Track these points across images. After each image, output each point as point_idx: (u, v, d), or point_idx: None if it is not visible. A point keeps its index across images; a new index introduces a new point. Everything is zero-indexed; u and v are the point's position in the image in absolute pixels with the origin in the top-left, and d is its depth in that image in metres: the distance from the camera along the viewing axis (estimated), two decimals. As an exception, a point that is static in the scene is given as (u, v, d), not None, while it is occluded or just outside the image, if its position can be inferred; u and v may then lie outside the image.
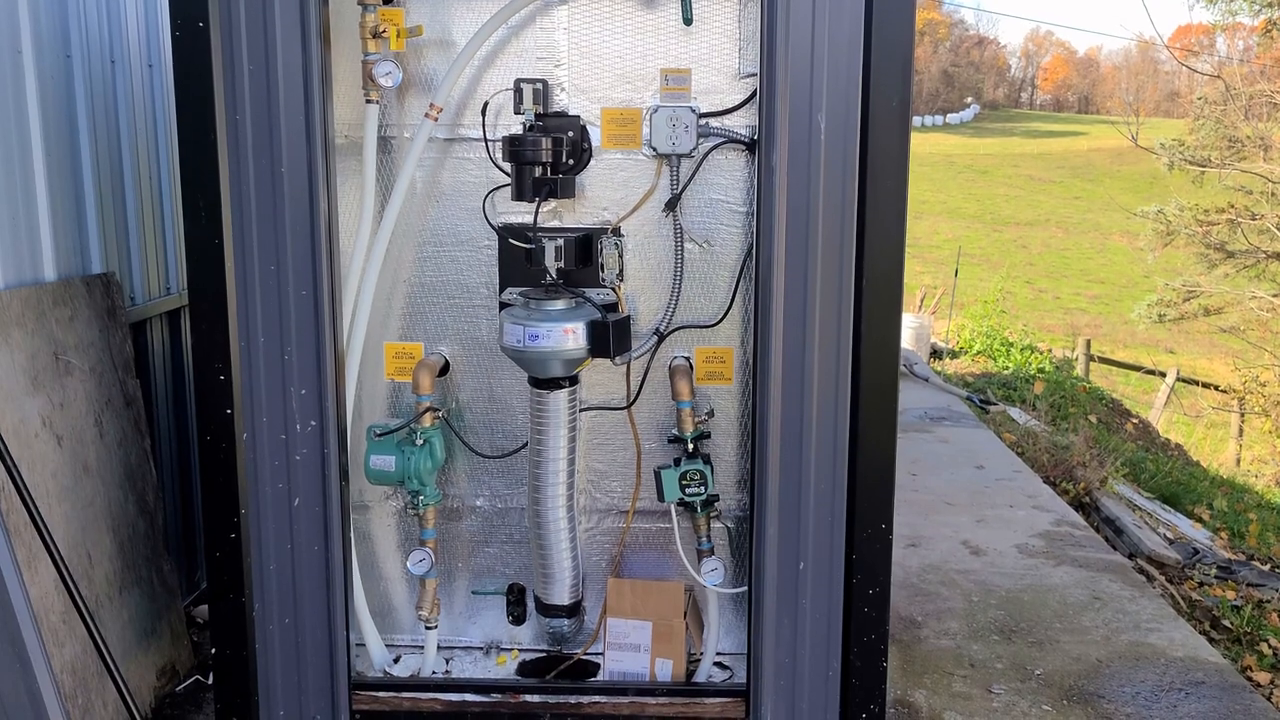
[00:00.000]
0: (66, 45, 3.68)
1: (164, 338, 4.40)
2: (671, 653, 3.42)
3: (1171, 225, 18.02)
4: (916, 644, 4.38)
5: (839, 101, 2.94)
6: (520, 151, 3.15)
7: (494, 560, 3.66)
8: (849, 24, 2.91)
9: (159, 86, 4.35)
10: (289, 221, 3.04)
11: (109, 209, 3.94)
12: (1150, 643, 4.41)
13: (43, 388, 3.40)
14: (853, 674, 3.20)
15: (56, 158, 3.59)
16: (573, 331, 3.17)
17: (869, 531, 3.14)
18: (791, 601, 3.17)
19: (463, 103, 3.36)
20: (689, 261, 3.38)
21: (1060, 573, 5.19)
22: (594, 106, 3.33)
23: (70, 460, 3.49)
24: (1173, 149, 18.30)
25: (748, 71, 3.28)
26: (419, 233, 3.45)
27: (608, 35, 3.30)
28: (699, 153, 3.31)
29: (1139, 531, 6.52)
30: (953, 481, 6.78)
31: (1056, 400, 11.48)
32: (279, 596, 3.24)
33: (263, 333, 3.10)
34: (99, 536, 3.60)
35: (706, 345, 3.45)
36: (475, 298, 3.47)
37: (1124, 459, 8.56)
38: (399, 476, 3.34)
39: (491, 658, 3.65)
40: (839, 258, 3.00)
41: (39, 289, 3.45)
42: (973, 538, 5.67)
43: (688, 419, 3.34)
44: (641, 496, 3.54)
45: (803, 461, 3.11)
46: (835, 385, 3.06)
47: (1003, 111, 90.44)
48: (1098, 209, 44.89)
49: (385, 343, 3.50)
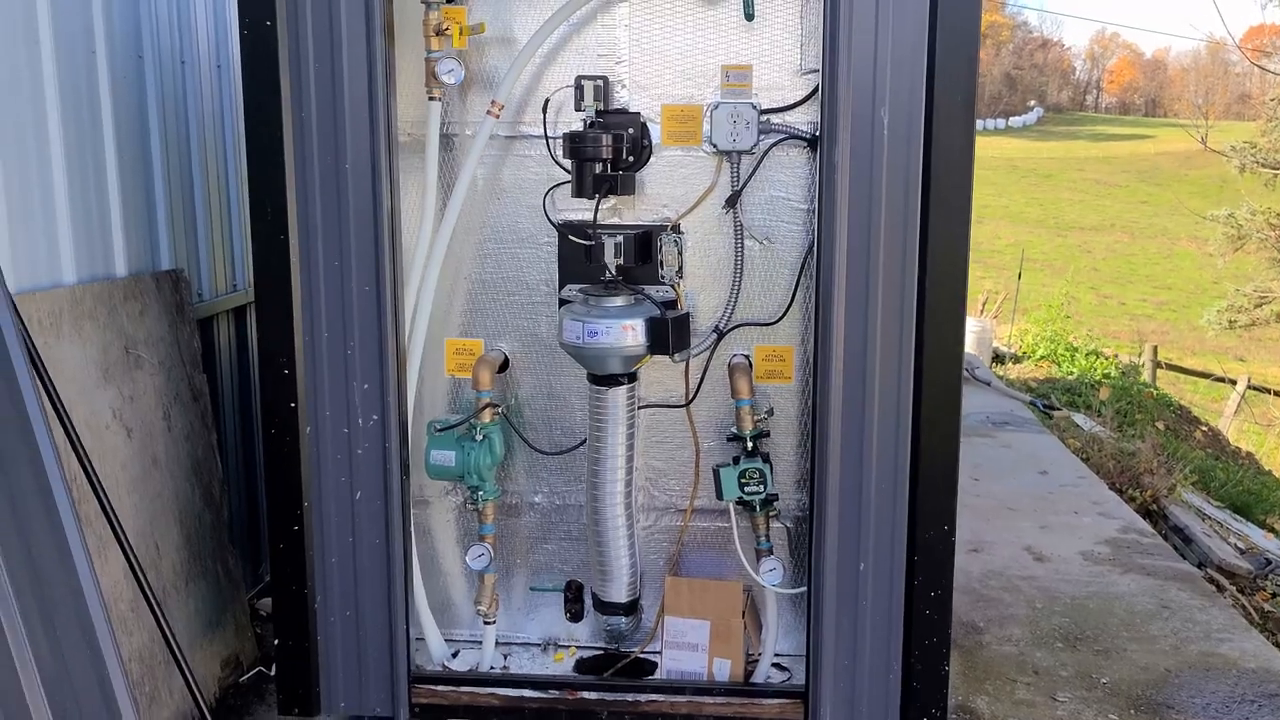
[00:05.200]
0: (138, 46, 3.76)
1: (230, 333, 4.48)
2: (729, 652, 3.40)
3: (1242, 229, 17.65)
4: (978, 650, 4.31)
5: (903, 97, 2.91)
6: (581, 148, 3.16)
7: (552, 557, 3.66)
8: (913, 18, 2.88)
9: (227, 87, 4.43)
10: (353, 218, 3.08)
11: (178, 207, 4.01)
12: (1221, 653, 4.30)
13: (113, 381, 3.47)
14: (913, 677, 3.16)
15: (129, 156, 3.67)
16: (632, 328, 3.17)
17: (931, 533, 3.10)
18: (851, 603, 3.14)
19: (524, 100, 3.37)
20: (749, 259, 3.37)
21: (1127, 580, 5.07)
22: (654, 103, 3.33)
23: (139, 452, 3.56)
24: (1244, 151, 17.92)
25: (809, 67, 3.26)
26: (480, 229, 3.47)
27: (669, 32, 3.29)
28: (760, 149, 3.29)
29: (1209, 540, 6.36)
30: (1015, 487, 6.67)
31: (1122, 406, 11.26)
32: (340, 589, 3.28)
33: (326, 328, 3.14)
34: (167, 528, 3.67)
35: (766, 343, 3.43)
36: (535, 294, 3.48)
37: (1193, 467, 8.36)
38: (459, 472, 3.36)
39: (549, 654, 3.65)
40: (901, 256, 2.97)
41: (111, 284, 3.52)
42: (1036, 543, 5.57)
43: (747, 417, 3.31)
44: (700, 495, 3.52)
45: (863, 462, 3.08)
46: (897, 385, 3.03)
47: (1067, 115, 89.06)
48: (1165, 213, 44.00)
49: (446, 339, 3.52)
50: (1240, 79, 71.19)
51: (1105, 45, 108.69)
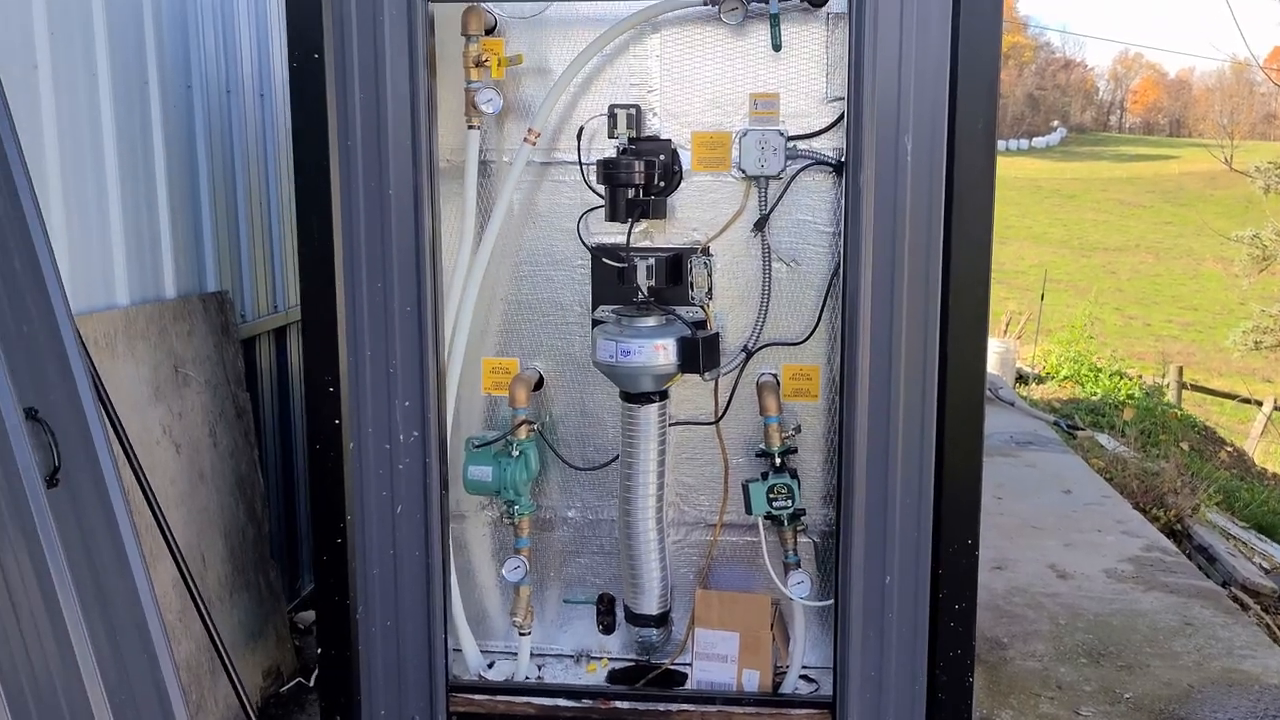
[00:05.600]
0: (187, 76, 3.91)
1: (271, 353, 4.62)
2: (758, 664, 3.49)
3: (1268, 250, 17.62)
4: (1002, 665, 4.38)
5: (925, 124, 3.01)
6: (615, 174, 3.28)
7: (584, 570, 3.76)
8: (935, 49, 2.98)
9: (269, 115, 4.58)
10: (395, 241, 3.20)
11: (223, 231, 4.16)
12: (1244, 669, 4.34)
13: (164, 398, 3.61)
14: (939, 689, 3.23)
15: (178, 182, 3.81)
16: (664, 348, 3.27)
17: (955, 547, 3.18)
18: (878, 615, 3.22)
19: (558, 127, 3.50)
20: (776, 280, 3.47)
21: (1150, 598, 5.12)
22: (684, 130, 3.45)
23: (187, 468, 3.69)
24: (1269, 172, 17.91)
25: (834, 95, 3.37)
26: (515, 252, 3.59)
27: (698, 62, 3.41)
28: (787, 175, 3.40)
29: (1233, 560, 6.39)
30: (1039, 505, 6.72)
31: (1146, 427, 11.26)
32: (381, 600, 3.39)
33: (369, 347, 3.26)
34: (212, 541, 3.79)
35: (793, 363, 3.53)
36: (569, 315, 3.60)
37: (1217, 487, 8.37)
38: (495, 487, 3.47)
39: (581, 665, 3.75)
40: (925, 277, 3.06)
41: (161, 305, 3.66)
42: (1059, 561, 5.63)
43: (775, 434, 3.41)
44: (729, 510, 3.62)
45: (889, 477, 3.16)
46: (921, 402, 3.12)
47: (1090, 135, 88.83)
48: (1190, 234, 43.81)
49: (483, 358, 3.64)
50: (1265, 99, 70.80)
51: (1129, 66, 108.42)
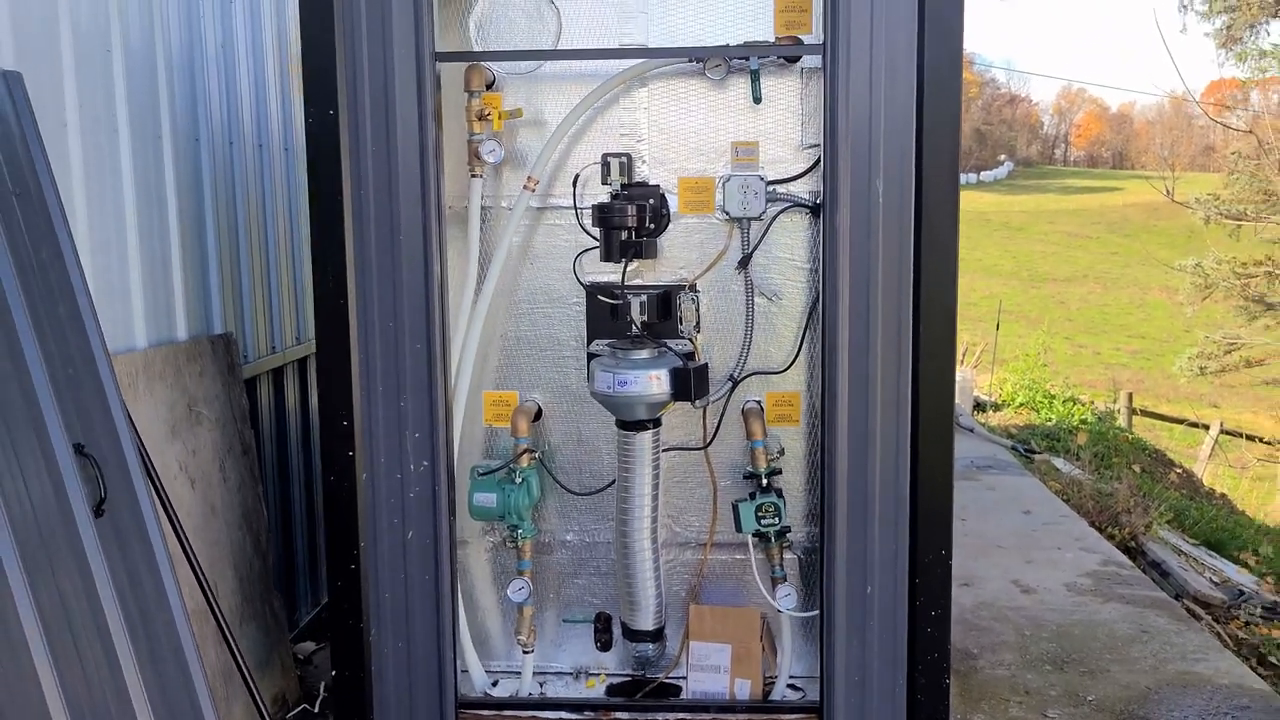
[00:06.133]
0: (195, 129, 4.12)
1: (270, 392, 4.80)
2: (749, 673, 3.71)
3: (1210, 278, 18.21)
4: (973, 674, 4.63)
5: (895, 169, 3.30)
6: (609, 218, 3.53)
7: (582, 591, 3.97)
8: (903, 100, 3.27)
9: (266, 164, 4.80)
10: (405, 283, 3.42)
11: (228, 275, 4.36)
12: (1197, 671, 4.63)
13: (179, 436, 3.79)
14: (918, 690, 3.47)
15: (188, 230, 4.02)
16: (657, 378, 3.52)
17: (930, 558, 3.44)
18: (860, 623, 3.46)
19: (554, 175, 3.75)
20: (759, 314, 3.73)
21: (1108, 609, 5.42)
22: (672, 176, 3.71)
23: (201, 502, 3.87)
24: (1208, 203, 18.54)
25: (809, 143, 3.66)
26: (513, 291, 3.82)
27: (683, 113, 3.69)
28: (767, 216, 3.68)
29: (1184, 574, 6.71)
30: (1001, 525, 7.02)
31: (1100, 450, 11.66)
32: (393, 622, 3.58)
33: (381, 382, 3.47)
34: (223, 572, 3.97)
35: (776, 390, 3.78)
36: (565, 349, 3.83)
37: (1168, 506, 8.73)
38: (499, 512, 3.68)
39: (581, 681, 3.95)
40: (897, 308, 3.33)
41: (175, 347, 3.85)
42: (1022, 577, 5.91)
43: (761, 457, 3.66)
44: (718, 530, 3.86)
45: (868, 494, 3.42)
46: (896, 424, 3.38)
47: (1036, 168, 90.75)
48: (1135, 264, 44.92)
49: (483, 391, 3.86)
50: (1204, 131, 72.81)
51: (1072, 100, 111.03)
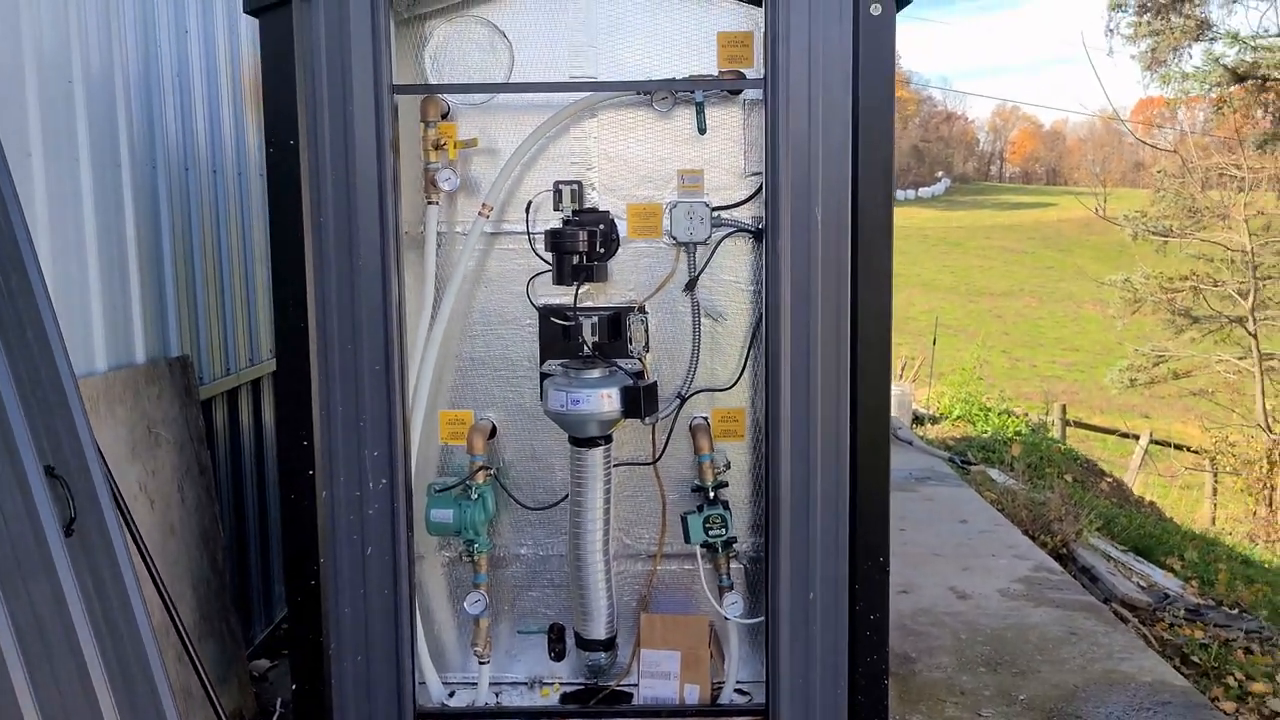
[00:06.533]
0: (153, 157, 4.21)
1: (225, 413, 4.88)
2: (698, 678, 3.86)
3: (1138, 293, 18.76)
4: (911, 676, 4.83)
5: (833, 197, 3.49)
6: (561, 243, 3.68)
7: (536, 603, 4.10)
8: (839, 131, 3.47)
9: (221, 189, 4.88)
10: (364, 306, 3.54)
11: (184, 298, 4.44)
12: (1122, 670, 4.87)
13: (139, 457, 3.86)
14: (858, 691, 3.65)
15: (146, 255, 4.10)
16: (609, 396, 3.66)
17: (869, 564, 3.61)
18: (803, 627, 3.63)
19: (507, 201, 3.89)
20: (705, 334, 3.90)
21: (1040, 613, 5.65)
22: (621, 203, 3.87)
23: (160, 522, 3.94)
24: (1136, 220, 19.13)
25: (752, 171, 3.84)
26: (469, 314, 3.95)
27: (632, 143, 3.85)
28: (712, 240, 3.85)
29: (1112, 579, 6.99)
30: (938, 535, 7.26)
31: (1033, 461, 12.01)
32: (352, 636, 3.68)
33: (341, 403, 3.58)
34: (182, 591, 4.04)
35: (722, 406, 3.95)
36: (519, 369, 3.97)
37: (1097, 514, 9.05)
38: (456, 527, 3.80)
39: (535, 691, 4.07)
40: (836, 328, 3.52)
41: (134, 370, 3.93)
42: (959, 584, 6.14)
43: (708, 470, 3.82)
44: (667, 541, 4.01)
45: (810, 505, 3.59)
46: (836, 437, 3.56)
47: (973, 185, 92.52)
48: (1070, 278, 46.02)
49: (441, 410, 3.98)
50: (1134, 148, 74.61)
51: (1006, 118, 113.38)
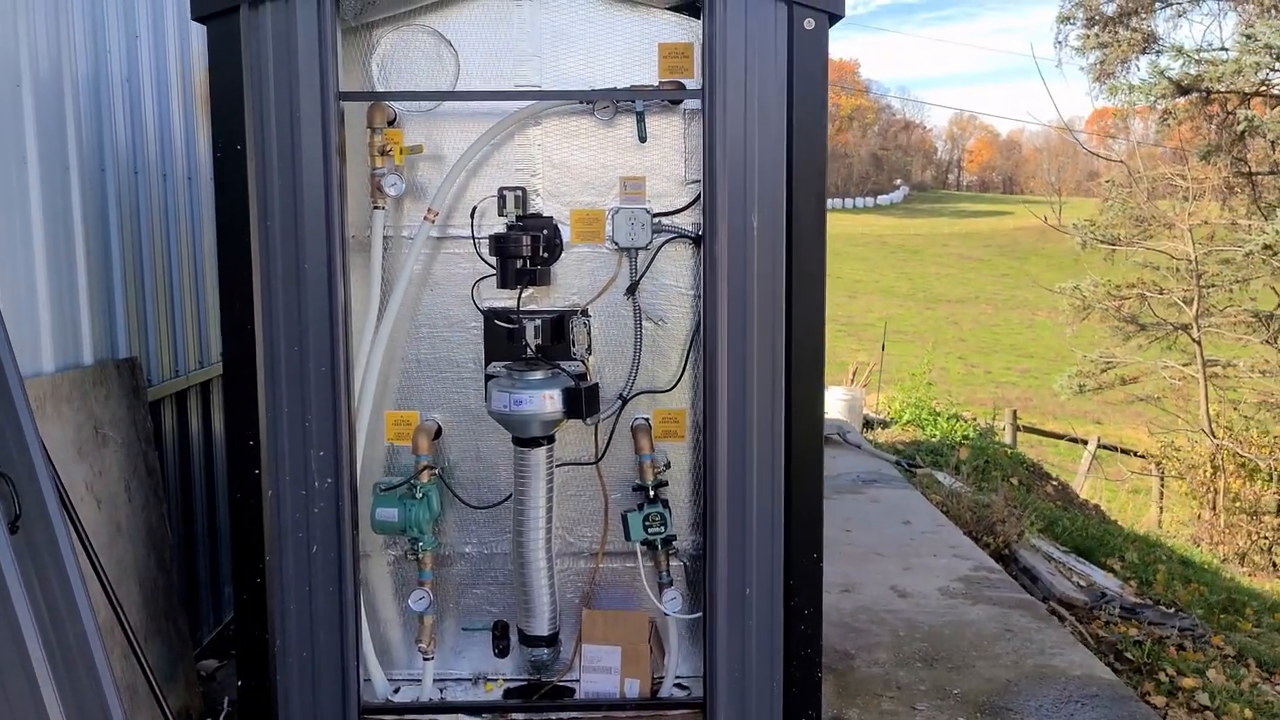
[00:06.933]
0: (102, 160, 4.25)
1: (174, 415, 4.91)
2: (638, 673, 3.96)
3: (1087, 300, 19.09)
4: (850, 672, 4.95)
5: (768, 205, 3.61)
6: (505, 247, 3.77)
7: (481, 600, 4.18)
8: (774, 144, 3.59)
9: (170, 192, 4.92)
10: (310, 308, 3.61)
11: (133, 301, 4.48)
12: (1053, 665, 5.02)
13: (86, 457, 3.90)
14: (793, 684, 3.76)
15: (94, 257, 4.14)
16: (551, 397, 3.76)
17: (804, 560, 3.73)
18: (740, 622, 3.74)
19: (452, 206, 3.97)
20: (646, 337, 4.00)
21: (977, 610, 5.80)
22: (564, 209, 3.97)
23: (107, 522, 3.98)
24: (1085, 229, 19.48)
25: (691, 178, 3.95)
26: (415, 316, 4.03)
27: (575, 150, 3.95)
28: (653, 246, 3.95)
29: (1052, 579, 7.16)
30: (882, 535, 7.41)
31: (980, 464, 12.22)
32: (298, 633, 3.74)
33: (287, 403, 3.65)
34: (129, 590, 4.07)
35: (663, 408, 4.05)
36: (464, 371, 4.05)
37: (1039, 515, 9.25)
38: (401, 526, 3.88)
39: (480, 687, 4.14)
40: (772, 330, 3.64)
41: (81, 371, 3.97)
42: (900, 583, 6.28)
43: (648, 470, 3.92)
44: (609, 540, 4.10)
45: (746, 503, 3.70)
46: (772, 437, 3.67)
47: (931, 192, 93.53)
48: (1024, 286, 46.60)
49: (386, 411, 4.05)
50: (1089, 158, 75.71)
51: (964, 127, 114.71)
